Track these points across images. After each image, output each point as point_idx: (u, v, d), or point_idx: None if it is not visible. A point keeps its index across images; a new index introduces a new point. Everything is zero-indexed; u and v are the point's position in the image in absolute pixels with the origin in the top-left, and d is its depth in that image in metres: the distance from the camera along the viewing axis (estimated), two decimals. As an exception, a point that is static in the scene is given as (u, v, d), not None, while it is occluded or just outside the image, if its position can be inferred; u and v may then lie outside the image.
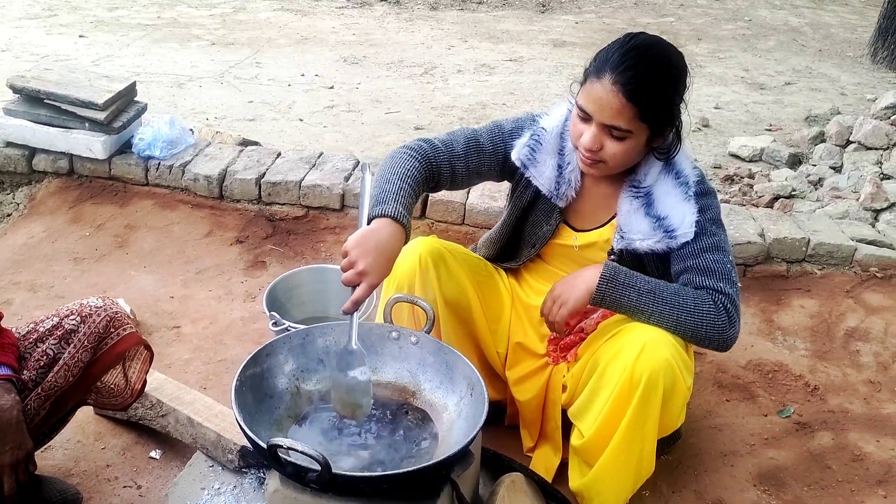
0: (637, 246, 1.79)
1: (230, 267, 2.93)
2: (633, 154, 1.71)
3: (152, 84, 4.87)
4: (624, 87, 1.60)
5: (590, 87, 1.66)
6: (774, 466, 2.17)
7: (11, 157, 3.24)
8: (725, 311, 1.70)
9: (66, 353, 1.65)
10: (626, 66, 1.61)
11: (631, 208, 1.79)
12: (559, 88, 5.28)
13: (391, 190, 1.67)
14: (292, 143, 4.10)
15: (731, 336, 1.71)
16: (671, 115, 1.70)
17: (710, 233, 1.76)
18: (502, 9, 7.57)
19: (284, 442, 1.35)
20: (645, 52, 1.64)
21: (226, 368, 2.40)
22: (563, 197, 1.87)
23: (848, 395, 2.45)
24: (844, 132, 4.06)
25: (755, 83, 5.68)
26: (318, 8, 7.22)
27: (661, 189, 1.77)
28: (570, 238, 1.93)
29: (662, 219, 1.75)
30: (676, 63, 1.68)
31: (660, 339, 1.66)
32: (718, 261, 1.74)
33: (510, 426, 2.17)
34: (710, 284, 1.72)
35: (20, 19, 6.23)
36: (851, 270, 2.89)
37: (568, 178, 1.85)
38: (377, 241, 1.59)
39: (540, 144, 1.85)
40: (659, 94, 1.64)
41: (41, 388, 1.61)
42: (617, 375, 1.67)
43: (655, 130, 1.69)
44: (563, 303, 1.76)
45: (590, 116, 1.66)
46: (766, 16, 7.61)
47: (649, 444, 1.73)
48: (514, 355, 2.05)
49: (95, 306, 1.73)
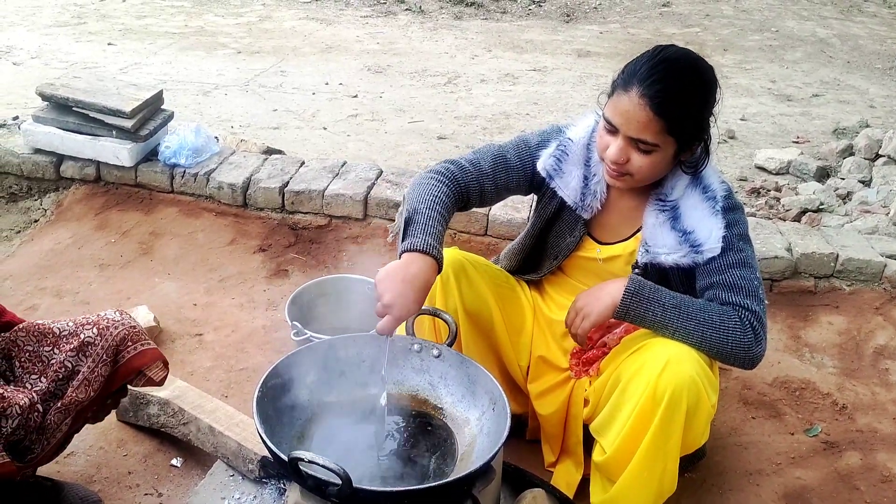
0: (662, 260, 1.77)
1: (253, 275, 2.94)
2: (659, 167, 1.70)
3: (179, 92, 4.92)
4: (651, 100, 1.59)
5: (617, 100, 1.65)
6: (801, 486, 2.13)
7: (40, 163, 3.28)
8: (752, 328, 1.67)
9: (85, 366, 1.64)
10: (654, 80, 1.59)
11: (657, 222, 1.77)
12: (583, 99, 5.26)
13: (420, 221, 1.65)
14: (316, 151, 4.11)
15: (757, 354, 1.68)
16: (699, 130, 1.69)
17: (737, 248, 1.73)
18: (526, 18, 7.57)
19: (306, 455, 1.34)
20: (673, 65, 1.63)
21: (247, 377, 2.40)
22: (588, 208, 1.86)
23: (877, 414, 2.40)
24: (874, 145, 4.00)
25: (782, 95, 5.62)
26: (342, 17, 7.26)
27: (688, 203, 1.75)
28: (594, 251, 1.92)
29: (689, 233, 1.73)
30: (706, 77, 1.66)
31: (684, 355, 1.64)
32: (745, 277, 1.71)
33: (531, 440, 2.15)
34: (737, 301, 1.69)
35: (50, 27, 6.33)
36: (881, 287, 2.84)
37: (594, 189, 1.84)
38: (405, 275, 1.56)
39: (566, 155, 1.85)
40: (687, 109, 1.63)
41: (62, 402, 1.61)
42: (640, 391, 1.65)
43: (683, 144, 1.67)
44: (586, 315, 1.74)
45: (616, 129, 1.65)
46: (793, 27, 7.53)
47: (672, 462, 1.70)
48: (537, 369, 2.03)
49: (113, 319, 1.71)
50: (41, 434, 1.58)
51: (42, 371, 1.62)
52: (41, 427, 1.57)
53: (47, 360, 1.63)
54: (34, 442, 1.57)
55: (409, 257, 1.59)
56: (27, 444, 1.56)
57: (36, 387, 1.59)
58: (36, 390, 1.59)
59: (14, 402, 1.50)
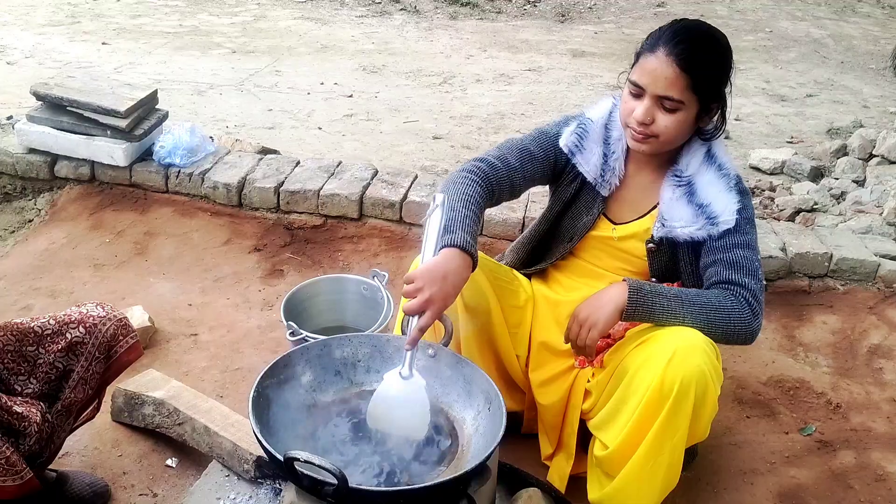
0: (677, 233, 1.83)
1: (248, 275, 2.93)
2: (683, 128, 1.77)
3: (173, 91, 4.91)
4: (678, 57, 1.68)
5: (644, 62, 1.73)
6: (795, 485, 2.13)
7: (34, 163, 3.27)
8: (747, 303, 1.73)
9: (79, 365, 1.63)
10: (679, 40, 1.69)
11: (674, 196, 1.83)
12: (578, 99, 5.27)
13: (456, 218, 1.69)
14: (311, 151, 4.11)
15: (755, 328, 1.74)
16: (719, 92, 1.77)
17: (743, 231, 1.80)
18: (521, 18, 7.58)
19: (301, 455, 1.34)
20: (695, 29, 1.74)
21: (242, 377, 2.40)
22: (606, 184, 1.92)
23: (871, 413, 2.41)
24: (867, 145, 4.01)
25: (776, 95, 5.64)
26: (337, 17, 7.26)
27: (704, 179, 1.82)
28: (609, 230, 1.96)
29: (706, 206, 1.80)
30: (724, 43, 1.77)
31: (691, 346, 1.65)
32: (747, 257, 1.78)
33: (526, 434, 2.15)
34: (735, 278, 1.75)
35: (44, 26, 6.31)
36: (875, 286, 2.85)
37: (613, 166, 1.91)
38: (446, 270, 1.60)
39: (587, 132, 1.92)
40: (709, 66, 1.72)
41: (61, 404, 1.60)
42: (646, 383, 1.66)
43: (704, 105, 1.75)
44: (592, 325, 1.73)
45: (643, 91, 1.73)
46: (787, 27, 7.56)
47: (677, 455, 1.70)
48: (539, 356, 2.04)
49: (99, 316, 1.69)
50: (49, 440, 1.59)
51: (30, 372, 1.59)
52: (49, 434, 1.58)
53: (33, 360, 1.60)
54: (44, 448, 1.58)
55: (449, 253, 1.62)
56: (38, 450, 1.57)
57: (27, 389, 1.57)
58: (28, 393, 1.57)
59: (33, 419, 1.50)
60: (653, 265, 1.91)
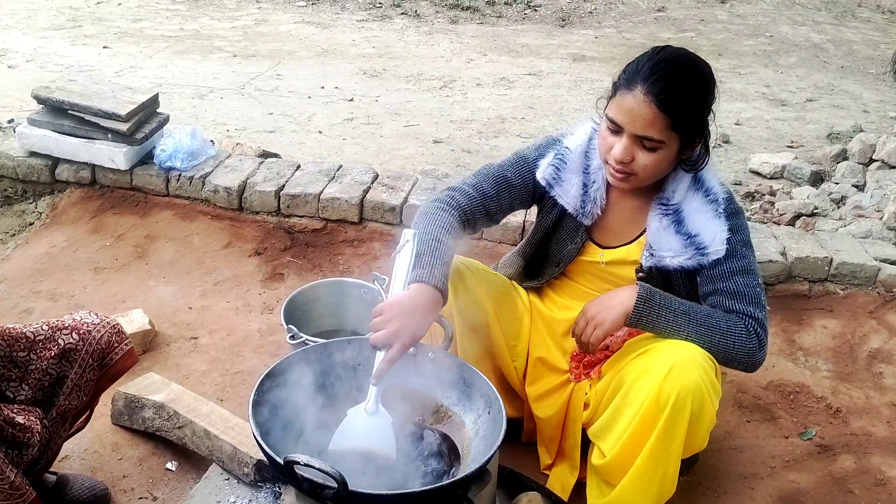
0: (667, 263, 1.79)
1: (248, 278, 2.94)
2: (663, 165, 1.71)
3: (174, 95, 4.92)
4: (656, 97, 1.61)
5: (621, 100, 1.66)
6: (795, 490, 2.13)
7: (35, 166, 3.28)
8: (756, 335, 1.71)
9: (72, 372, 1.62)
10: (658, 77, 1.62)
11: (661, 226, 1.79)
12: (578, 103, 5.28)
13: (426, 252, 1.66)
14: (312, 155, 4.12)
15: (759, 359, 1.73)
16: (700, 126, 1.72)
17: (740, 255, 1.76)
18: (522, 23, 7.59)
19: (301, 458, 1.34)
20: (675, 62, 1.66)
21: (242, 380, 2.40)
22: (588, 215, 1.88)
23: (871, 417, 2.41)
24: (867, 150, 4.02)
25: (776, 99, 5.64)
26: (338, 21, 7.27)
27: (691, 206, 1.77)
28: (597, 255, 1.93)
29: (694, 236, 1.76)
30: (705, 74, 1.69)
31: (689, 360, 1.64)
32: (748, 284, 1.74)
33: (527, 443, 2.15)
34: (741, 309, 1.72)
35: (45, 30, 6.33)
36: (875, 291, 2.85)
37: (593, 196, 1.86)
38: (415, 305, 1.57)
39: (564, 164, 1.86)
40: (690, 104, 1.65)
41: (56, 410, 1.59)
42: (643, 395, 1.65)
43: (685, 141, 1.70)
44: (598, 324, 1.74)
45: (621, 128, 1.67)
46: (787, 32, 7.57)
47: (673, 466, 1.70)
48: (535, 371, 2.03)
49: (92, 323, 1.67)
50: (47, 446, 1.59)
51: (21, 377, 1.57)
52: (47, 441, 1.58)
53: (24, 365, 1.58)
54: (42, 454, 1.58)
55: (417, 288, 1.60)
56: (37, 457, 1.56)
57: (19, 395, 1.56)
58: (20, 399, 1.56)
59: (35, 429, 1.50)
60: None
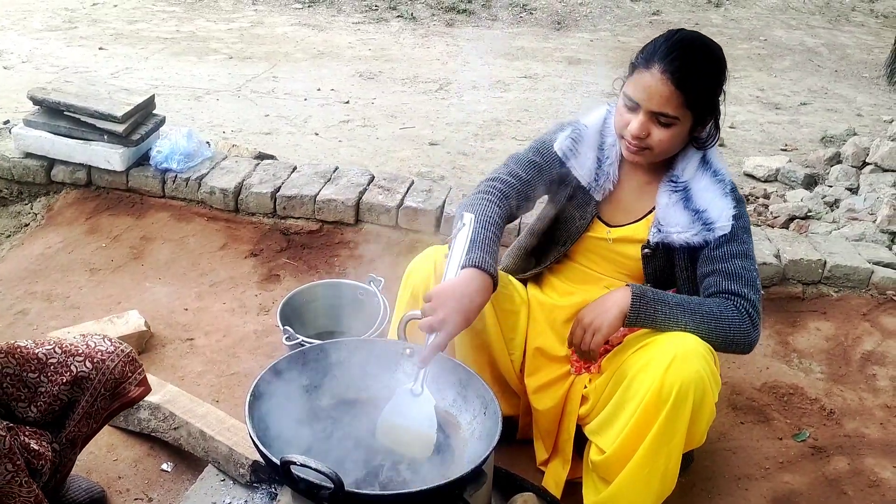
0: (674, 239, 1.84)
1: (244, 280, 2.94)
2: (677, 141, 1.78)
3: (170, 97, 4.91)
4: (673, 75, 1.68)
5: (638, 77, 1.74)
6: (789, 491, 2.14)
7: (30, 167, 3.28)
8: (748, 315, 1.75)
9: (83, 400, 1.60)
10: (675, 57, 1.70)
11: (670, 202, 1.85)
12: (574, 106, 5.28)
13: (477, 240, 1.72)
14: (308, 157, 4.12)
15: (754, 338, 1.77)
16: (713, 105, 1.79)
17: (741, 240, 1.82)
18: (517, 26, 7.60)
19: (298, 458, 1.34)
20: (690, 43, 1.74)
21: (238, 382, 2.40)
22: (600, 189, 1.93)
23: (864, 419, 2.43)
24: (861, 153, 4.04)
25: (770, 103, 5.66)
26: (334, 23, 7.28)
27: (700, 185, 1.84)
28: (604, 232, 1.96)
29: (701, 212, 1.81)
30: (718, 55, 1.77)
31: (690, 351, 1.66)
32: (745, 267, 1.80)
33: (521, 440, 2.15)
34: (734, 289, 1.76)
35: (40, 31, 6.31)
36: (868, 293, 2.87)
37: (607, 171, 1.93)
38: (463, 291, 1.62)
39: (581, 137, 1.94)
40: (704, 82, 1.73)
41: (66, 437, 1.58)
42: (645, 387, 1.67)
43: (698, 118, 1.77)
44: (596, 329, 1.75)
45: (637, 105, 1.74)
46: (781, 36, 7.59)
47: (674, 460, 1.71)
48: (534, 361, 2.04)
49: (107, 351, 1.65)
50: (56, 470, 1.58)
51: (30, 399, 1.54)
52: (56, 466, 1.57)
53: (34, 387, 1.55)
54: (50, 478, 1.57)
55: (470, 274, 1.65)
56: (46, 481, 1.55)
57: (27, 416, 1.54)
58: (29, 420, 1.55)
59: (47, 457, 1.50)
60: (647, 270, 1.92)
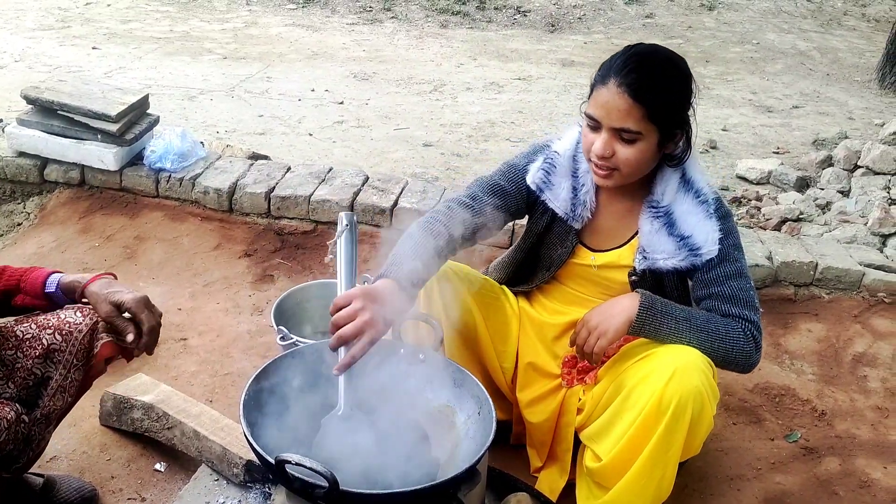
0: (660, 265, 1.80)
1: (238, 280, 2.94)
2: (645, 158, 1.72)
3: (164, 97, 4.91)
4: (629, 87, 1.63)
5: (596, 95, 1.70)
6: (781, 491, 2.15)
7: (23, 166, 3.27)
8: (753, 338, 1.74)
9: (57, 373, 1.59)
10: (630, 69, 1.65)
11: (653, 228, 1.80)
12: (567, 108, 5.30)
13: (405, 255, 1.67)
14: (302, 157, 4.12)
15: (755, 361, 1.77)
16: (679, 118, 1.72)
17: (732, 259, 1.79)
18: (511, 28, 7.62)
19: (292, 457, 1.34)
20: (646, 56, 1.69)
21: (232, 382, 2.40)
22: (578, 218, 1.89)
23: (855, 420, 2.44)
24: (852, 156, 4.06)
25: (763, 106, 5.69)
26: (328, 24, 7.28)
27: (682, 208, 1.79)
28: (588, 258, 1.93)
29: (687, 237, 1.78)
30: (678, 65, 1.72)
31: (690, 364, 1.66)
32: (742, 287, 1.77)
33: (515, 445, 2.16)
34: (736, 312, 1.75)
35: (34, 30, 6.30)
36: (859, 295, 2.88)
37: (583, 199, 1.87)
38: (386, 298, 1.55)
39: (554, 167, 1.88)
40: (664, 94, 1.67)
41: (41, 412, 1.58)
42: (644, 399, 1.66)
43: (665, 133, 1.70)
44: (601, 333, 1.73)
45: (599, 124, 1.69)
46: (773, 39, 7.64)
47: (671, 470, 1.71)
48: (526, 376, 2.03)
49: (75, 322, 1.63)
50: (27, 444, 1.57)
51: (7, 375, 1.56)
52: (26, 438, 1.56)
53: (11, 363, 1.56)
54: (21, 452, 1.56)
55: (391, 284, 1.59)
56: (14, 454, 1.55)
57: (4, 393, 1.55)
58: (5, 396, 1.54)
59: (2, 415, 1.48)
60: None
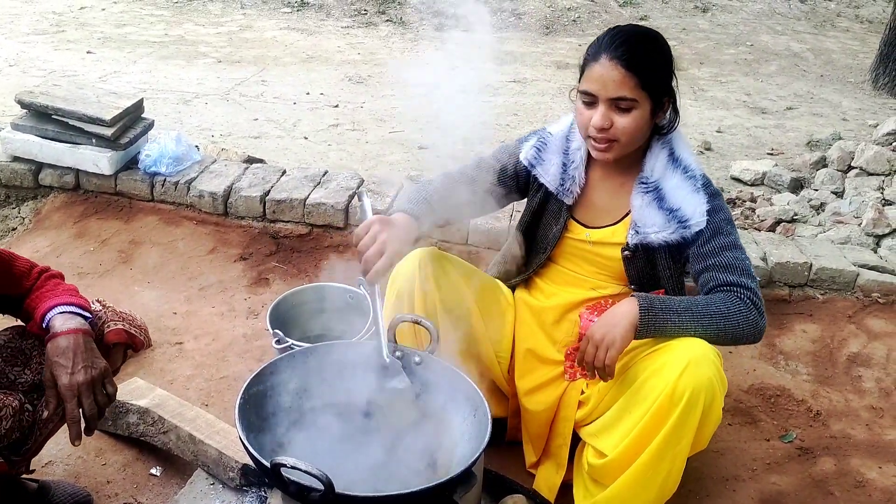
0: (651, 239, 1.85)
1: (233, 284, 2.93)
2: (640, 126, 1.80)
3: (158, 101, 4.90)
4: (620, 59, 1.74)
5: (589, 72, 1.79)
6: (776, 492, 2.16)
7: (18, 171, 3.26)
8: (753, 304, 1.76)
9: None
10: (619, 43, 1.76)
11: (643, 203, 1.86)
12: (562, 109, 5.31)
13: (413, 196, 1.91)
14: (297, 160, 4.12)
15: (762, 326, 1.79)
16: (667, 84, 1.82)
17: (725, 232, 1.84)
18: (506, 30, 7.63)
19: (288, 461, 1.35)
20: (631, 32, 1.81)
21: (228, 385, 2.40)
22: (568, 193, 1.96)
23: (850, 420, 2.45)
24: (846, 157, 4.07)
25: (757, 107, 5.71)
26: (323, 27, 7.28)
27: (671, 183, 1.86)
28: (583, 234, 1.98)
29: (675, 210, 1.83)
30: (658, 39, 1.83)
31: (703, 357, 1.68)
32: (737, 257, 1.82)
33: (510, 443, 2.16)
34: (733, 280, 1.78)
35: (28, 35, 6.28)
36: (854, 296, 2.89)
37: (572, 174, 1.96)
38: (395, 221, 1.78)
39: (546, 145, 1.99)
40: (653, 62, 1.78)
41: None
42: (658, 390, 1.68)
43: (656, 101, 1.80)
44: (609, 344, 1.70)
45: (594, 98, 1.78)
46: (767, 41, 7.66)
47: (678, 465, 1.72)
48: (525, 363, 2.05)
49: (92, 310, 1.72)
50: (32, 429, 1.59)
51: (25, 363, 1.62)
52: (32, 423, 1.58)
53: (28, 353, 1.63)
54: (28, 436, 1.59)
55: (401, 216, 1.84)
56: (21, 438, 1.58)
57: (21, 378, 1.59)
58: (21, 382, 1.58)
59: (7, 403, 1.51)
60: (629, 271, 1.93)
